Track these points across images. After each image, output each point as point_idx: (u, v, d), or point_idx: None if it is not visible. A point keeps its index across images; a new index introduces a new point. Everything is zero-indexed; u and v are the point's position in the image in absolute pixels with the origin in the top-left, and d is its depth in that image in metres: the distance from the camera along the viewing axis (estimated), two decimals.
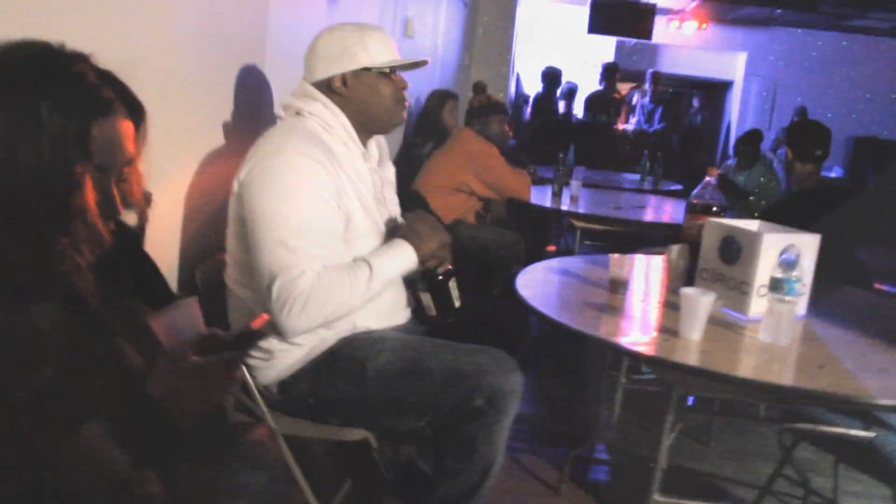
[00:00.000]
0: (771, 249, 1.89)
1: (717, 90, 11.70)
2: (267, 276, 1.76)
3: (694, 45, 10.95)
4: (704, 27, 10.20)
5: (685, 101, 9.89)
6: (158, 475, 1.05)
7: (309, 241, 1.78)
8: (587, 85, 9.64)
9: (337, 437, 1.99)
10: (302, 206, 1.78)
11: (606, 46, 10.94)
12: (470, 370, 1.81)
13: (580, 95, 9.29)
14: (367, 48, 1.93)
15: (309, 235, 1.78)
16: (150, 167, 1.92)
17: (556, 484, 2.72)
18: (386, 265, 1.87)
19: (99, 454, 0.97)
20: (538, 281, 2.29)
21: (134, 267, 1.26)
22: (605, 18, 9.04)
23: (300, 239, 1.76)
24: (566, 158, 5.01)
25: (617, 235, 4.42)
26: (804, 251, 1.93)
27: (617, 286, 2.11)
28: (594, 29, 9.12)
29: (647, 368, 3.37)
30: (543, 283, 2.30)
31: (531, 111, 8.90)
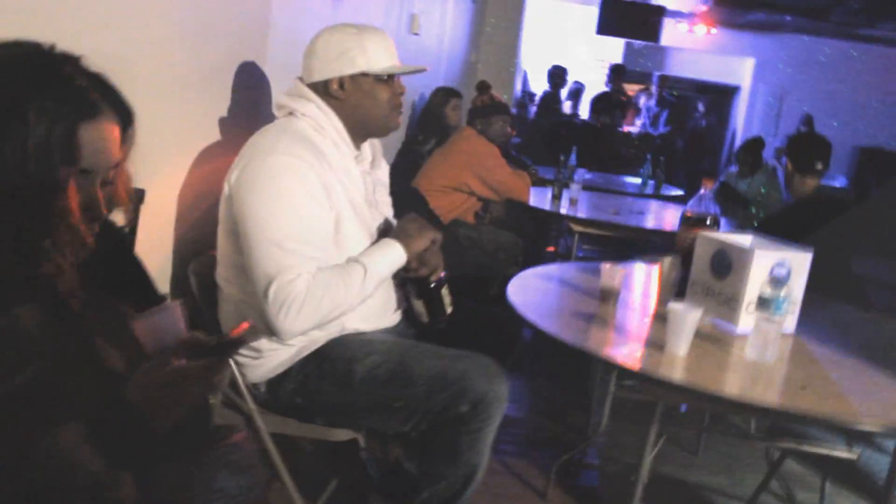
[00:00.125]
0: (762, 265, 1.89)
1: (723, 95, 11.67)
2: (262, 278, 1.76)
3: (702, 48, 10.93)
4: (713, 31, 10.18)
5: (691, 104, 9.87)
6: (133, 477, 1.06)
7: (302, 242, 1.78)
8: (594, 85, 9.63)
9: (323, 436, 2.00)
10: (294, 207, 1.79)
11: (615, 47, 10.92)
12: (455, 376, 1.82)
13: (587, 96, 9.27)
14: (366, 52, 1.93)
15: (302, 237, 1.79)
16: (144, 164, 1.92)
17: (543, 489, 2.73)
18: (378, 264, 1.88)
19: (74, 455, 0.98)
20: (530, 288, 2.29)
21: (121, 268, 1.27)
22: (614, 19, 9.02)
23: (293, 241, 1.77)
24: (567, 160, 5.00)
25: (615, 241, 4.42)
26: (795, 267, 1.93)
27: (608, 296, 2.11)
28: (603, 29, 9.10)
29: None
30: (535, 290, 2.30)
31: (536, 110, 8.89)
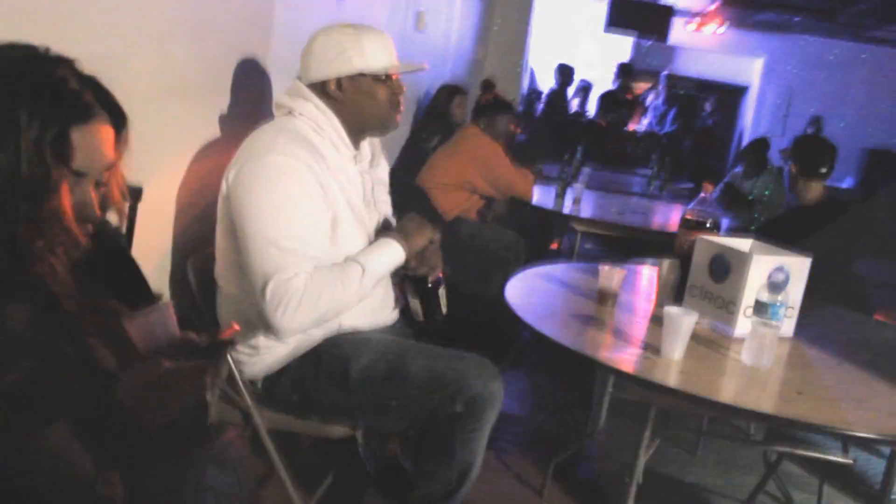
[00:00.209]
0: (760, 270, 1.89)
1: (731, 94, 11.62)
2: (260, 277, 1.77)
3: (710, 48, 10.88)
4: (722, 30, 10.13)
5: (698, 104, 9.84)
6: (122, 476, 1.06)
7: (300, 241, 1.79)
8: (601, 84, 9.60)
9: (320, 433, 2.01)
10: (291, 206, 1.79)
11: (622, 46, 10.89)
12: (450, 376, 1.82)
13: (593, 94, 9.24)
14: (363, 52, 1.93)
15: (300, 236, 1.79)
16: (142, 161, 1.93)
17: (540, 486, 2.73)
18: (376, 263, 1.89)
19: (64, 454, 0.98)
20: (528, 288, 2.29)
21: (115, 268, 1.27)
22: (623, 16, 9.00)
23: (291, 240, 1.78)
24: (573, 157, 5.00)
25: (619, 240, 4.42)
26: (794, 272, 1.93)
27: (605, 298, 2.11)
28: (612, 26, 9.08)
29: None
30: (533, 290, 2.30)
31: (543, 108, 8.87)
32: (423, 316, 2.04)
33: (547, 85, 9.41)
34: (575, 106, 9.07)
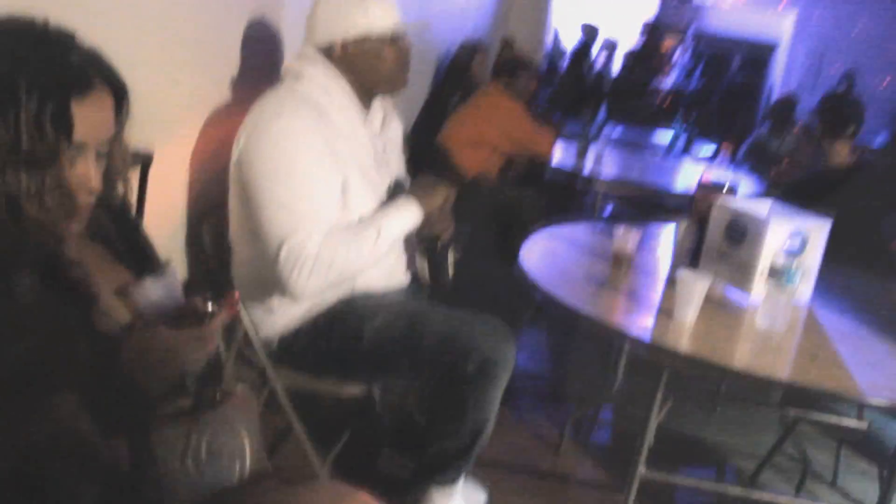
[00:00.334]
0: (777, 234, 1.86)
1: (760, 51, 11.34)
2: (274, 241, 1.78)
3: (739, 3, 10.62)
4: None
5: (727, 61, 9.63)
6: (127, 441, 1.08)
7: (312, 205, 1.80)
8: (627, 42, 9.42)
9: (334, 391, 2.04)
10: (301, 171, 1.80)
11: (649, 3, 10.66)
12: (463, 338, 1.83)
13: (619, 52, 9.07)
14: (367, 13, 1.91)
15: (311, 199, 1.80)
16: (154, 125, 1.94)
17: (557, 444, 2.75)
18: (392, 223, 1.89)
19: (69, 423, 1.00)
20: (543, 249, 2.29)
21: (121, 237, 1.28)
22: None
23: (303, 203, 1.78)
24: (596, 116, 4.94)
25: (641, 199, 4.37)
26: (812, 237, 1.90)
27: (620, 261, 2.10)
28: None
29: None
30: (548, 252, 2.29)
31: (567, 66, 8.73)
32: (429, 278, 2.05)
33: (571, 43, 9.24)
34: (599, 65, 8.93)
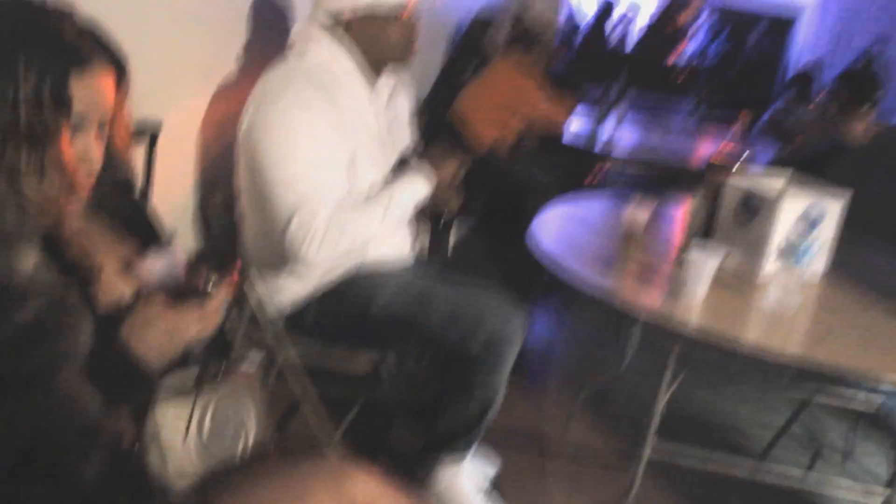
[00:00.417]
0: (790, 211, 1.84)
1: (781, 24, 11.13)
2: (283, 214, 1.77)
3: None
4: None
5: (747, 31, 9.46)
6: (131, 415, 1.09)
7: (319, 178, 1.79)
8: (643, 15, 9.28)
9: (343, 366, 2.04)
10: (307, 149, 1.79)
11: None
12: (470, 314, 1.82)
13: (635, 25, 8.95)
14: None
15: (319, 174, 1.79)
16: (162, 96, 1.93)
17: (565, 419, 2.75)
18: (401, 194, 1.88)
19: (72, 394, 1.00)
20: (555, 223, 2.27)
21: (125, 212, 1.28)
22: None
23: (311, 177, 1.78)
24: (611, 91, 4.87)
25: (656, 174, 4.33)
26: (827, 213, 1.87)
27: (631, 235, 2.08)
28: None
29: None
30: (560, 225, 2.27)
31: (582, 39, 8.63)
32: (428, 250, 2.04)
33: (586, 16, 9.13)
34: (617, 36, 8.81)
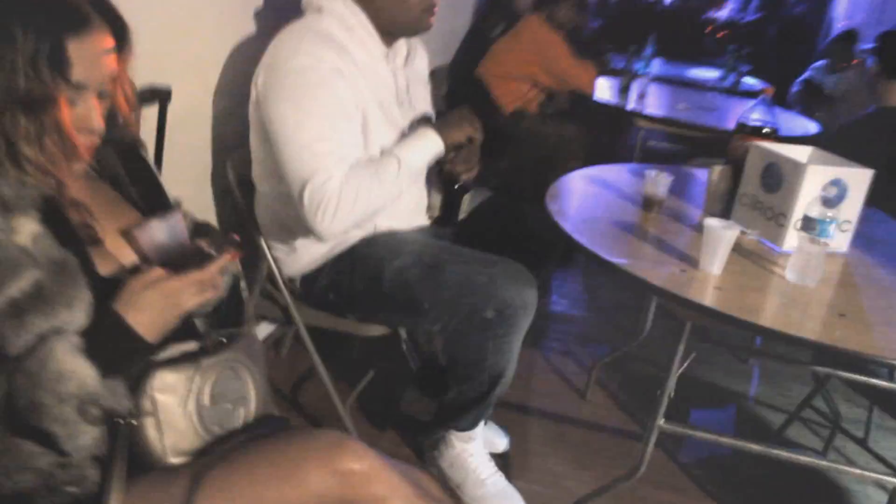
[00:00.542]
0: (814, 182, 1.78)
1: None
2: (296, 182, 1.76)
3: None
4: None
5: None
6: (126, 385, 1.08)
7: (332, 143, 1.76)
8: None
9: (356, 331, 2.04)
10: (320, 110, 1.76)
11: None
12: (482, 282, 1.80)
13: None
14: None
15: (332, 138, 1.76)
16: (173, 61, 1.90)
17: (583, 388, 2.74)
18: (411, 153, 1.85)
19: (67, 366, 1.00)
20: (574, 191, 2.23)
21: (132, 176, 1.27)
22: None
23: (323, 142, 1.75)
24: (641, 49, 4.76)
25: (686, 139, 4.24)
26: (852, 186, 1.80)
27: (650, 205, 2.03)
28: None
29: None
30: (576, 194, 2.23)
31: None
32: (439, 214, 2.02)
33: None
34: None
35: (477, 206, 2.25)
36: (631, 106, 4.05)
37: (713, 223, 1.64)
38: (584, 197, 2.23)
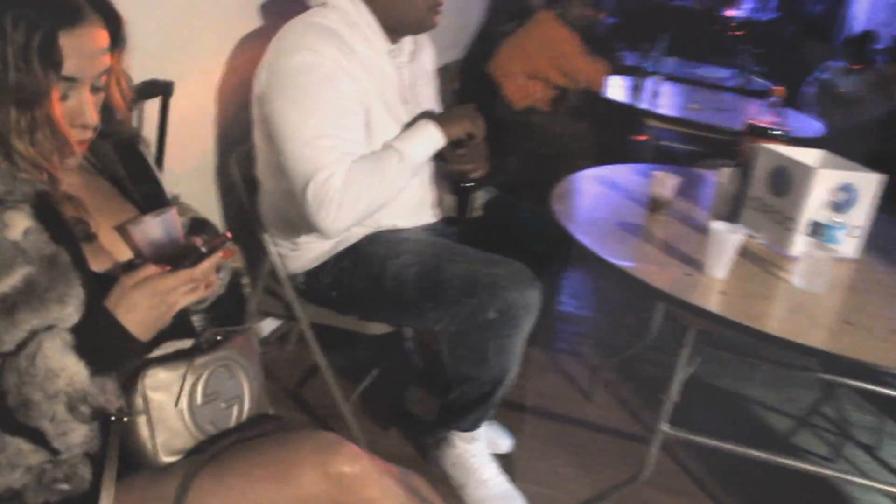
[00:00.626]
0: (824, 187, 1.75)
1: None
2: (299, 179, 1.75)
3: None
4: None
5: None
6: (117, 383, 1.08)
7: (335, 139, 1.75)
8: None
9: (359, 329, 2.03)
10: (323, 105, 1.75)
11: None
12: (485, 282, 1.79)
13: None
14: None
15: (334, 134, 1.75)
16: (176, 55, 1.90)
17: (589, 390, 2.72)
18: (411, 147, 1.84)
19: (57, 363, 1.00)
20: (581, 190, 2.21)
21: (129, 171, 1.26)
22: None
23: (326, 139, 1.74)
24: (654, 47, 4.72)
25: (698, 139, 4.20)
26: (862, 191, 1.78)
27: (657, 206, 2.01)
28: None
29: None
30: (582, 194, 2.21)
31: None
32: (448, 214, 2.03)
33: None
34: None
35: (484, 203, 2.24)
36: (643, 105, 4.01)
37: (719, 226, 1.62)
38: (590, 197, 2.21)
